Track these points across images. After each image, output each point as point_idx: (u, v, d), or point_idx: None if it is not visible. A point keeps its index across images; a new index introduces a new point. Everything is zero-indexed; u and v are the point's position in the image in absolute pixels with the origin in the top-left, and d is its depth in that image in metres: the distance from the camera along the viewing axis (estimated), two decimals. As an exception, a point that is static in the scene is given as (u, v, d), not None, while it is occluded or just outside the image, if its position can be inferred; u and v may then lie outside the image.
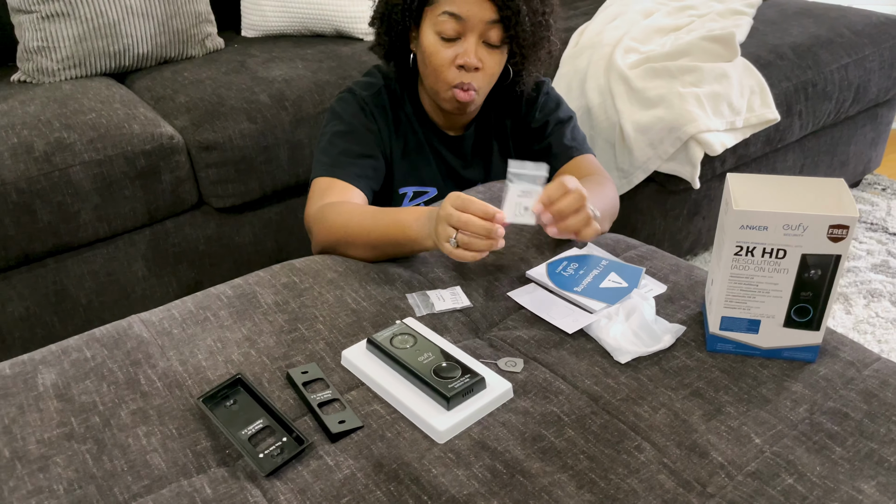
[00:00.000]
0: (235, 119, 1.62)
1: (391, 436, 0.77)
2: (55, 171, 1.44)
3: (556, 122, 1.27)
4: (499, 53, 1.14)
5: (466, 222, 0.89)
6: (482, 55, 1.13)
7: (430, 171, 1.29)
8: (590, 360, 0.87)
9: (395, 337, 0.86)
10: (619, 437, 0.77)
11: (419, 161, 1.28)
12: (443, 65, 1.14)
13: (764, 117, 1.74)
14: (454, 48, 1.13)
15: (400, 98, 1.25)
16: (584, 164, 1.24)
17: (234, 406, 0.80)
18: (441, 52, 1.13)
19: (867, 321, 1.80)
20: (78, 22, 1.72)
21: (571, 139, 1.27)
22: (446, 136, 1.29)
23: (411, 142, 1.27)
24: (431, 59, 1.14)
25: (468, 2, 1.09)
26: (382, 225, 1.02)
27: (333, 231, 1.08)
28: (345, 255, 1.08)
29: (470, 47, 1.12)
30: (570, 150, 1.25)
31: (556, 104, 1.29)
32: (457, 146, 1.30)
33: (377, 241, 1.03)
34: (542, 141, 1.28)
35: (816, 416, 0.79)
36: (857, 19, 2.09)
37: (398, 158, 1.26)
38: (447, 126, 1.28)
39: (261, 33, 2.09)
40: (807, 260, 0.79)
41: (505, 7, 1.09)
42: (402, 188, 1.28)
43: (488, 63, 1.14)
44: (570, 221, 0.95)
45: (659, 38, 1.96)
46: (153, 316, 0.95)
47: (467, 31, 1.11)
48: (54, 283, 1.52)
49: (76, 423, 0.79)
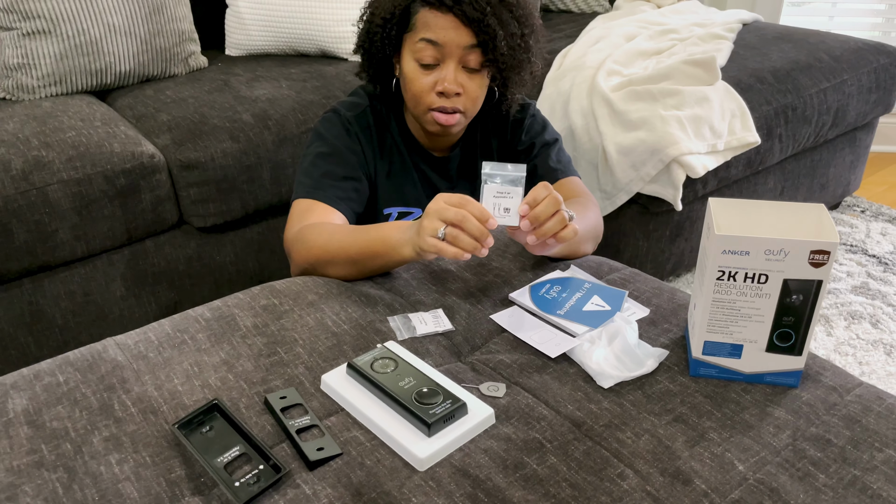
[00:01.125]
0: (218, 138, 1.60)
1: (371, 463, 0.75)
2: (33, 189, 1.42)
3: (542, 144, 1.28)
4: (479, 77, 1.15)
5: (462, 218, 0.88)
6: (462, 80, 1.13)
7: (415, 192, 1.28)
8: (572, 385, 0.86)
9: (376, 361, 0.85)
10: (602, 464, 0.76)
11: (404, 182, 1.27)
12: (423, 91, 1.14)
13: (745, 140, 1.76)
14: (434, 74, 1.13)
15: (385, 119, 1.25)
16: (569, 187, 1.24)
17: (210, 432, 0.79)
18: (420, 78, 1.13)
19: (848, 343, 1.80)
20: (59, 39, 1.70)
21: (557, 161, 1.27)
22: (432, 157, 1.28)
23: (396, 162, 1.26)
24: (411, 86, 1.15)
25: (444, 28, 1.09)
26: (362, 239, 1.02)
27: (313, 251, 1.07)
28: (325, 274, 1.06)
29: (449, 73, 1.12)
30: (556, 173, 1.26)
31: (542, 126, 1.30)
32: (442, 167, 1.30)
33: (357, 256, 1.03)
34: (528, 163, 1.28)
35: (799, 443, 0.78)
36: (836, 45, 2.12)
37: (383, 179, 1.26)
38: (432, 147, 1.28)
39: (245, 52, 2.08)
40: (789, 285, 0.79)
41: (482, 32, 1.09)
42: (386, 209, 1.27)
43: (469, 87, 1.14)
44: (547, 225, 0.94)
45: (641, 61, 1.98)
46: (129, 339, 0.93)
47: (445, 56, 1.11)
48: (30, 303, 1.50)
49: (47, 451, 0.77)
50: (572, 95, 1.82)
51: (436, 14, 1.10)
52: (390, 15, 1.14)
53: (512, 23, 1.12)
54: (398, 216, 1.28)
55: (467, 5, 1.08)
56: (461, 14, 1.08)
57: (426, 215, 0.92)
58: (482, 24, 1.09)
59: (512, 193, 0.94)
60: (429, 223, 0.91)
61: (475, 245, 0.89)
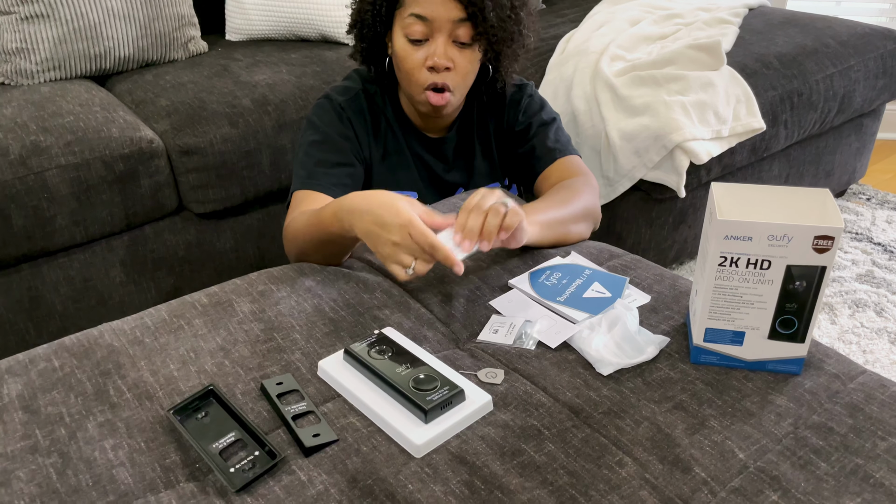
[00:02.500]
0: (217, 123, 1.59)
1: (367, 450, 0.75)
2: (31, 174, 1.41)
3: (539, 124, 1.26)
4: (470, 52, 1.13)
5: (428, 261, 0.88)
6: (453, 54, 1.12)
7: (411, 176, 1.27)
8: (571, 372, 0.85)
9: (373, 347, 0.84)
10: (601, 451, 0.75)
11: (399, 165, 1.26)
12: (414, 67, 1.13)
13: (750, 126, 1.74)
14: (424, 50, 1.12)
15: (379, 101, 1.24)
16: (567, 166, 1.23)
17: (206, 418, 0.78)
18: (411, 54, 1.12)
19: (852, 331, 1.79)
20: (58, 24, 1.69)
21: (555, 141, 1.25)
22: (427, 139, 1.27)
23: (391, 146, 1.25)
24: (402, 63, 1.14)
25: (433, 2, 1.09)
26: (311, 227, 1.02)
27: (291, 241, 1.08)
28: (309, 260, 1.07)
29: (439, 48, 1.11)
30: (554, 153, 1.24)
31: (539, 106, 1.28)
32: (438, 149, 1.28)
33: (317, 244, 1.03)
34: (525, 144, 1.27)
35: (801, 431, 0.77)
36: (843, 30, 2.10)
37: (377, 163, 1.25)
38: (427, 128, 1.27)
39: (245, 37, 2.06)
40: (792, 271, 0.78)
41: (470, 4, 1.08)
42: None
43: (459, 62, 1.13)
44: (486, 229, 0.91)
45: (645, 46, 1.96)
46: (125, 324, 0.93)
47: (435, 31, 1.11)
48: (29, 289, 1.49)
49: (41, 436, 0.76)
50: (575, 81, 1.80)
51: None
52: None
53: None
54: None
55: None
56: None
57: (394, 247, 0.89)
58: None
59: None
60: (398, 256, 0.89)
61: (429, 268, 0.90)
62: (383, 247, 0.90)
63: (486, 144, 1.30)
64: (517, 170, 1.31)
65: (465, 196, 1.01)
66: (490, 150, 1.30)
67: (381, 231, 0.90)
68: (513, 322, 0.93)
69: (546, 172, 1.24)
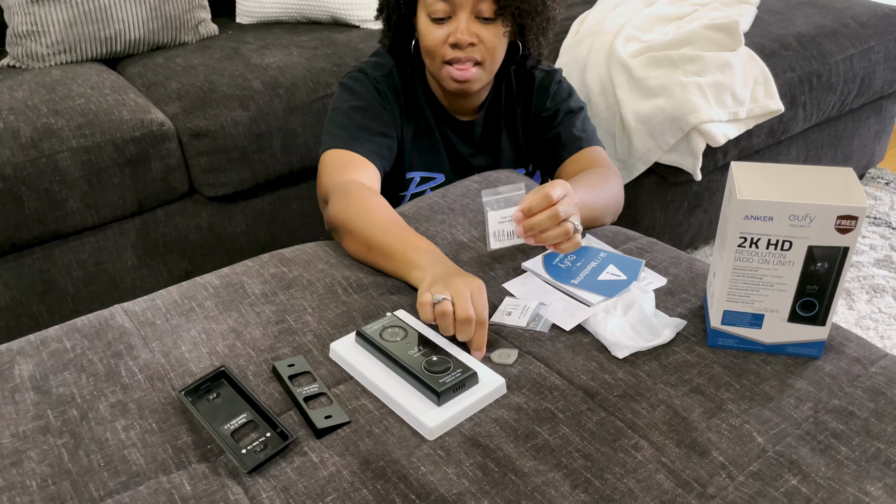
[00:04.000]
0: (228, 106, 1.58)
1: (379, 432, 0.74)
2: (42, 157, 1.40)
3: (567, 111, 1.25)
4: (494, 27, 1.12)
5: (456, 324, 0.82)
6: (477, 30, 1.10)
7: (439, 158, 1.26)
8: (586, 355, 0.84)
9: (386, 329, 0.83)
10: (616, 434, 0.74)
11: (428, 146, 1.25)
12: (435, 44, 1.12)
13: (768, 108, 1.71)
14: (446, 27, 1.11)
15: (410, 81, 1.23)
16: (591, 156, 1.21)
17: (217, 400, 0.78)
18: (433, 32, 1.11)
19: (870, 317, 1.77)
20: (68, 6, 1.68)
21: (581, 130, 1.24)
22: (456, 122, 1.26)
23: (421, 126, 1.24)
24: (424, 41, 1.13)
25: None
26: (387, 251, 0.95)
27: (350, 217, 1.00)
28: (339, 241, 1.04)
29: (462, 24, 1.09)
30: (579, 141, 1.22)
31: (567, 94, 1.27)
32: (466, 132, 1.27)
33: (374, 257, 0.98)
34: (551, 130, 1.25)
35: (821, 415, 0.76)
36: (863, 10, 2.05)
37: (408, 142, 1.24)
38: (456, 110, 1.25)
39: (256, 20, 2.05)
40: (813, 252, 0.76)
41: None
42: (409, 173, 1.25)
43: (485, 37, 1.11)
44: (547, 235, 0.91)
45: (661, 26, 1.93)
46: (136, 306, 0.92)
47: (457, 9, 1.09)
48: (41, 272, 1.49)
49: (52, 417, 0.76)
50: (589, 62, 1.77)
51: None
52: None
53: None
54: (420, 181, 1.26)
55: None
56: None
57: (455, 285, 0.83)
58: None
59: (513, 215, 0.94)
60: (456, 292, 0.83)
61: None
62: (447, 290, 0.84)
63: (512, 130, 1.29)
64: (540, 155, 1.30)
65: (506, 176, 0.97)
66: (517, 135, 1.29)
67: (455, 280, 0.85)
68: (526, 304, 0.92)
69: (569, 161, 1.23)
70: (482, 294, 0.84)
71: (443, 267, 0.90)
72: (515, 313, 0.90)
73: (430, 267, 0.90)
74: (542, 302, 0.92)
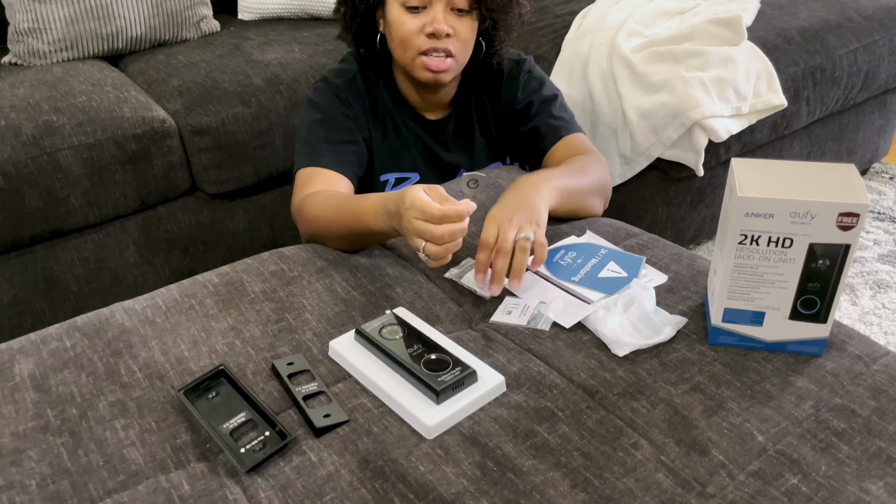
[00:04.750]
0: (229, 103, 1.58)
1: (378, 431, 0.74)
2: (43, 154, 1.40)
3: (541, 101, 1.23)
4: (469, 19, 1.11)
5: (440, 237, 0.84)
6: (452, 22, 1.10)
7: (411, 157, 1.25)
8: (586, 353, 0.84)
9: (385, 327, 0.83)
10: (616, 433, 0.73)
11: (399, 147, 1.24)
12: (410, 33, 1.10)
13: (770, 103, 1.70)
14: (421, 18, 1.10)
15: (375, 84, 1.22)
16: (573, 144, 1.20)
17: (216, 398, 0.78)
18: (408, 22, 1.10)
19: (873, 312, 1.76)
20: (70, 3, 1.68)
21: (559, 119, 1.22)
22: (425, 121, 1.25)
23: (389, 127, 1.23)
24: (398, 31, 1.11)
25: None
26: (345, 218, 0.99)
27: (309, 224, 1.05)
28: (327, 246, 1.05)
29: (438, 15, 1.09)
30: (559, 130, 1.21)
31: (539, 83, 1.25)
32: (437, 130, 1.26)
33: (346, 234, 1.00)
34: (528, 123, 1.24)
35: (822, 413, 0.75)
36: (867, 4, 2.04)
37: (378, 144, 1.23)
38: (425, 109, 1.24)
39: (258, 16, 2.04)
40: (814, 249, 0.76)
41: None
42: (383, 175, 1.25)
43: (459, 29, 1.11)
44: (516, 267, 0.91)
45: (663, 21, 1.92)
46: (136, 304, 0.92)
47: (431, 0, 1.09)
48: (43, 269, 1.50)
49: (52, 415, 0.76)
50: (591, 57, 1.77)
51: None
52: None
53: None
54: (395, 182, 1.25)
55: None
56: None
57: (407, 233, 0.87)
58: None
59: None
60: (411, 242, 0.87)
61: (456, 246, 0.86)
62: (408, 241, 0.88)
63: (484, 124, 1.28)
64: (521, 149, 1.29)
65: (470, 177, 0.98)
66: (489, 129, 1.28)
67: (400, 224, 0.88)
68: (527, 303, 0.91)
69: (552, 152, 1.21)
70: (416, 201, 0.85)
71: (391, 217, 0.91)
72: (516, 312, 0.90)
73: (386, 224, 0.93)
74: (542, 300, 0.92)
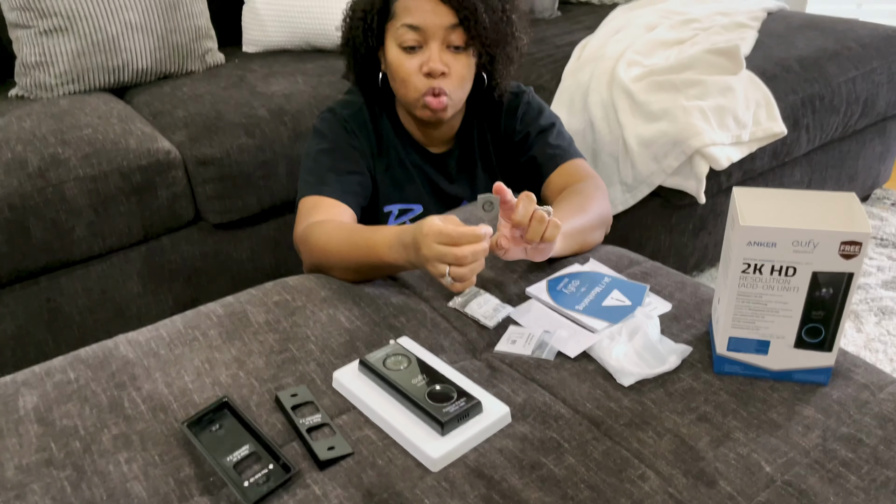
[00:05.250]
0: (234, 134, 1.59)
1: (382, 463, 0.73)
2: (49, 186, 1.42)
3: (538, 131, 1.24)
4: (465, 56, 1.13)
5: (463, 257, 0.84)
6: (448, 60, 1.11)
7: (415, 189, 1.26)
8: (591, 383, 0.83)
9: (389, 358, 0.83)
10: (623, 464, 0.73)
11: (403, 179, 1.25)
12: (410, 74, 1.12)
13: (770, 131, 1.71)
14: (419, 57, 1.12)
15: (380, 116, 1.24)
16: (572, 170, 1.20)
17: (220, 431, 0.77)
18: (406, 63, 1.12)
19: (878, 339, 1.75)
20: (76, 37, 1.71)
21: (556, 146, 1.23)
22: (429, 154, 1.26)
23: (393, 159, 1.24)
24: (398, 72, 1.13)
25: (424, 10, 1.08)
26: (357, 249, 0.99)
27: (315, 254, 1.05)
28: (332, 276, 1.05)
29: (434, 54, 1.10)
30: (556, 158, 1.22)
31: (537, 112, 1.26)
32: (440, 163, 1.27)
33: (356, 266, 1.00)
34: (526, 153, 1.25)
35: (830, 443, 0.75)
36: (865, 32, 2.06)
37: (382, 175, 1.24)
38: (429, 143, 1.26)
39: (262, 48, 2.07)
40: (818, 278, 0.76)
41: (462, 9, 1.08)
42: (386, 206, 1.25)
43: (455, 67, 1.12)
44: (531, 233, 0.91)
45: (662, 51, 1.94)
46: (140, 336, 0.92)
47: (429, 38, 1.10)
48: (47, 300, 1.50)
49: (56, 449, 0.76)
50: (592, 87, 1.78)
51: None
52: (370, 6, 1.13)
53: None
54: (399, 213, 1.26)
55: None
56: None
57: (426, 260, 0.87)
58: (461, 1, 1.08)
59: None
60: (433, 269, 0.87)
61: (480, 266, 0.87)
62: (429, 268, 0.88)
63: (486, 156, 1.29)
64: (521, 179, 1.30)
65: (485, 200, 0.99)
66: (490, 161, 1.29)
67: (420, 253, 0.88)
68: (531, 332, 0.91)
69: (550, 179, 1.22)
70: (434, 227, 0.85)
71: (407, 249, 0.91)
72: (520, 342, 0.90)
73: (402, 256, 0.93)
74: (546, 329, 0.92)
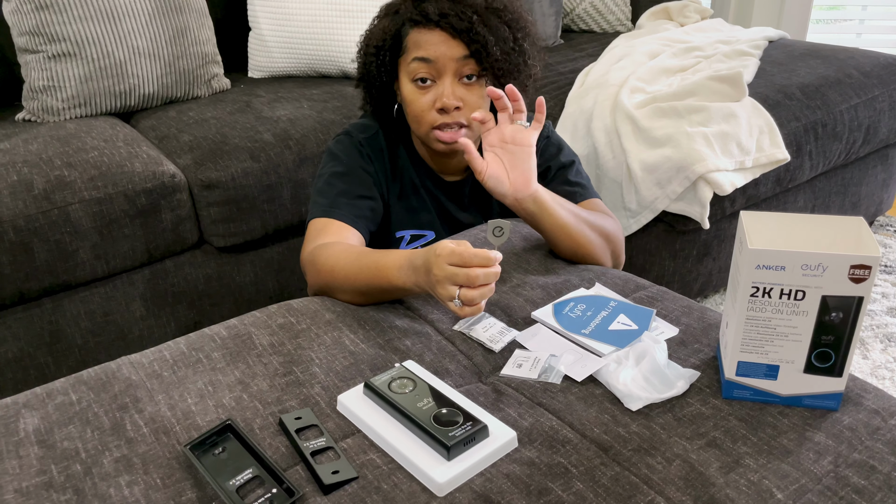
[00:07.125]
0: (238, 157, 1.60)
1: (387, 488, 0.72)
2: (54, 209, 1.42)
3: (558, 167, 1.25)
4: (478, 87, 1.13)
5: (475, 278, 0.84)
6: (461, 93, 1.12)
7: (428, 215, 1.26)
8: (599, 407, 0.82)
9: (394, 381, 0.82)
10: (631, 490, 0.72)
11: (416, 205, 1.25)
12: (423, 110, 1.13)
13: (774, 157, 1.72)
14: (432, 92, 1.12)
15: (395, 143, 1.24)
16: (590, 209, 1.21)
17: (223, 454, 0.76)
18: (419, 98, 1.13)
19: (885, 366, 1.74)
20: (84, 62, 1.72)
21: (575, 184, 1.24)
22: (444, 183, 1.27)
23: (407, 186, 1.25)
24: (411, 107, 1.14)
25: (435, 44, 1.09)
26: (366, 271, 0.99)
27: (322, 275, 1.04)
28: (337, 298, 1.04)
29: (446, 88, 1.11)
30: (575, 196, 1.22)
31: (557, 148, 1.27)
32: (455, 192, 1.27)
33: (364, 288, 1.00)
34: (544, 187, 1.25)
35: (842, 469, 0.74)
36: (866, 60, 2.08)
37: (395, 201, 1.24)
38: (443, 171, 1.26)
39: (267, 74, 2.09)
40: (827, 302, 0.75)
41: (472, 41, 1.09)
42: (399, 231, 1.25)
43: (469, 99, 1.13)
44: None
45: (665, 78, 1.96)
46: (143, 357, 0.92)
47: (441, 72, 1.11)
48: (50, 322, 1.49)
49: (56, 472, 0.75)
50: (595, 113, 1.80)
51: (424, 32, 1.09)
52: (382, 42, 1.14)
53: (502, 27, 1.11)
54: (411, 239, 1.26)
55: (454, 17, 1.07)
56: (449, 27, 1.08)
57: (438, 281, 0.87)
58: (471, 33, 1.08)
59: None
60: (443, 291, 0.87)
61: (490, 290, 0.87)
62: (439, 290, 0.88)
63: None
64: None
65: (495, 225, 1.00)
66: None
67: (431, 274, 0.88)
68: (537, 356, 0.91)
69: None
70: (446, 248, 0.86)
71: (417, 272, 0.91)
72: (526, 365, 0.89)
73: (410, 279, 0.93)
74: (552, 353, 0.91)
